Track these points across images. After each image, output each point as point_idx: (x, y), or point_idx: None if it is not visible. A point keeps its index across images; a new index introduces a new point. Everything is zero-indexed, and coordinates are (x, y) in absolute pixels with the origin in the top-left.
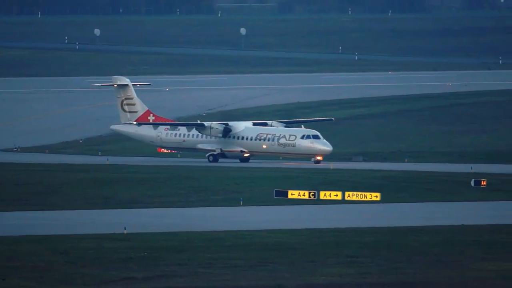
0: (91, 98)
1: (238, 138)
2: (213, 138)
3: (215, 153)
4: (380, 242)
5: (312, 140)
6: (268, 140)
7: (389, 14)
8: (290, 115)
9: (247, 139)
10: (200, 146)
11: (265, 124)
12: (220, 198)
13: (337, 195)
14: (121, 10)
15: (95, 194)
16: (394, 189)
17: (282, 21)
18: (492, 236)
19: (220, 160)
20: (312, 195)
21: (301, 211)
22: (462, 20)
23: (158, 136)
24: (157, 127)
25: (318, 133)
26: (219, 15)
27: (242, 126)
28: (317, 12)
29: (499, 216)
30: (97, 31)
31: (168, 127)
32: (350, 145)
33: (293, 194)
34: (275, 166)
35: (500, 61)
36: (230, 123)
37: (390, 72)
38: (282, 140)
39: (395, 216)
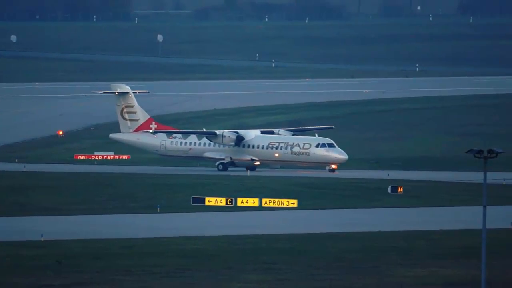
0: (11, 104)
1: (248, 146)
2: (221, 147)
3: (225, 161)
4: (297, 249)
5: (327, 148)
6: (281, 148)
7: (306, 21)
8: (207, 122)
9: (258, 147)
10: (207, 154)
11: (272, 133)
12: (137, 205)
13: (254, 202)
14: (37, 17)
15: (11, 201)
16: (311, 195)
17: (199, 28)
18: (408, 242)
19: (229, 168)
20: (229, 202)
21: (218, 218)
22: (379, 28)
23: (162, 144)
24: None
25: (333, 142)
26: (136, 21)
27: (252, 135)
28: (234, 19)
29: (416, 223)
30: (13, 37)
31: (172, 134)
32: None
33: (210, 201)
34: (193, 173)
35: (417, 68)
36: (241, 131)
37: (307, 79)
38: (296, 149)
39: (312, 223)
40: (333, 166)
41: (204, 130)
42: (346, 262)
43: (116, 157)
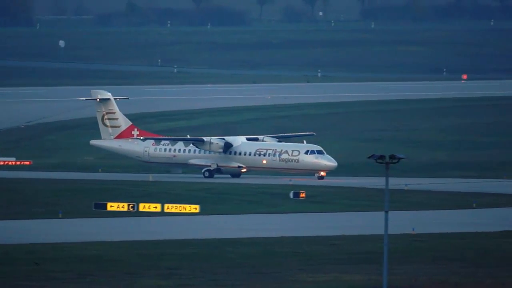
0: None
1: (235, 153)
2: (207, 153)
3: (211, 168)
4: (199, 254)
5: (317, 155)
6: (269, 155)
7: (208, 26)
8: None
9: (245, 154)
10: (192, 161)
11: (257, 139)
12: (38, 211)
13: (156, 207)
14: None
15: None
16: (213, 201)
17: (101, 33)
18: (310, 247)
19: (215, 175)
20: (132, 207)
21: (120, 223)
22: (281, 33)
23: (146, 151)
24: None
25: (322, 149)
26: (38, 27)
27: (239, 141)
28: (136, 25)
29: (318, 228)
30: None
31: (154, 141)
32: None
33: (112, 206)
34: (96, 178)
35: (319, 74)
36: (228, 138)
37: (209, 85)
38: (285, 156)
39: (214, 228)
40: (322, 173)
41: (188, 136)
42: (248, 267)
43: (18, 163)
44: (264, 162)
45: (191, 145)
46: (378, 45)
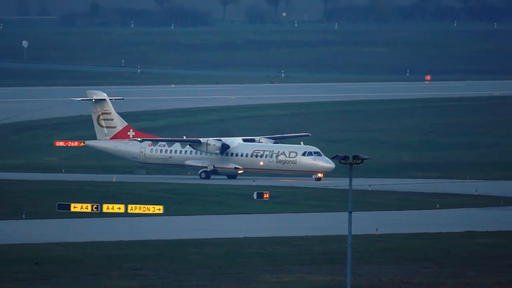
0: None
1: (232, 154)
2: (203, 154)
3: (207, 169)
4: (163, 255)
5: (314, 157)
6: (266, 156)
7: (172, 27)
8: (73, 128)
9: (242, 155)
10: (189, 162)
11: (253, 140)
12: (2, 212)
13: (120, 208)
14: None
15: None
16: (177, 201)
17: (65, 34)
18: (274, 248)
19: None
20: (95, 208)
21: (83, 224)
22: (244, 34)
23: (142, 152)
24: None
25: (319, 150)
26: (1, 27)
27: (235, 143)
28: (100, 25)
29: (281, 228)
30: None
31: (150, 142)
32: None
33: (76, 207)
34: (59, 179)
35: (283, 75)
36: (225, 139)
37: (172, 85)
38: (282, 157)
39: (178, 229)
40: (319, 175)
41: (184, 137)
42: (212, 268)
43: None
44: (261, 163)
45: (188, 146)
46: (341, 45)
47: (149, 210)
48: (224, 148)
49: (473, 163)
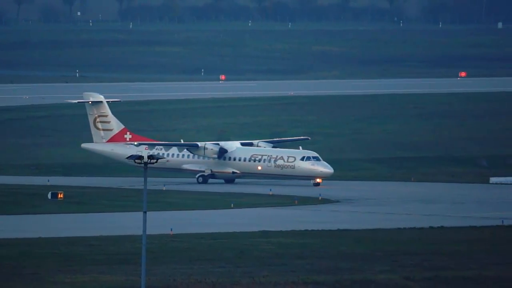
0: None
1: (229, 159)
2: (200, 158)
3: (205, 174)
4: None
5: (313, 161)
6: (264, 161)
7: None
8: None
9: (240, 160)
10: (186, 166)
11: (251, 144)
12: None
13: None
14: None
15: None
16: None
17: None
18: (68, 248)
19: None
20: None
21: None
22: (39, 33)
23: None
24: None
25: (318, 155)
26: None
27: (233, 147)
28: None
29: (75, 228)
30: None
31: (147, 146)
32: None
33: None
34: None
35: (77, 74)
36: (222, 143)
37: None
38: (280, 162)
39: None
40: (318, 180)
41: (182, 141)
42: (7, 268)
43: None
44: (259, 168)
45: (185, 150)
46: (136, 45)
47: None
48: (222, 152)
49: None
